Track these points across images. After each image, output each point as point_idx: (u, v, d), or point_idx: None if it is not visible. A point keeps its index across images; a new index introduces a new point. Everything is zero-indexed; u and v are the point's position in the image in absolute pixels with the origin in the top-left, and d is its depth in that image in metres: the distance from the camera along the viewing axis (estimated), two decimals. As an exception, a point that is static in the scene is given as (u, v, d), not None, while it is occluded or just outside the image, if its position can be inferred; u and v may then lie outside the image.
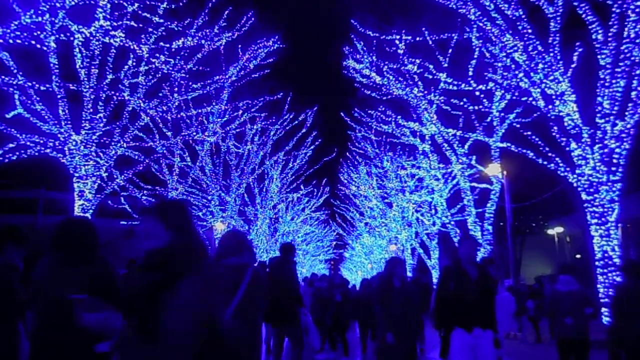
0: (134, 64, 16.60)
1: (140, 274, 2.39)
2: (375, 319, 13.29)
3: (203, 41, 17.62)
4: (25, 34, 12.80)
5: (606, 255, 12.16)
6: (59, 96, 14.55)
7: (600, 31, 12.29)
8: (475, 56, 16.43)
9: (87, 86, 15.16)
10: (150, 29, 16.25)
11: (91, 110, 15.27)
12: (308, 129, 29.94)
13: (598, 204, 12.31)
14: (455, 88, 16.46)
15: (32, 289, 3.37)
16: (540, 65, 12.86)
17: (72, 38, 14.48)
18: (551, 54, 12.81)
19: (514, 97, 15.35)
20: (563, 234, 40.33)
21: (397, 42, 17.72)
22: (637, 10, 11.44)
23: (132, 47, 15.26)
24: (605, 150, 12.28)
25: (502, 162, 18.67)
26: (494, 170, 18.61)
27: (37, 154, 14.59)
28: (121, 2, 14.93)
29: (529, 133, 14.54)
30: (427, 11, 16.80)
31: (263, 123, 27.60)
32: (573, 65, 12.85)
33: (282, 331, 6.86)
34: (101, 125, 15.54)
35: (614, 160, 12.23)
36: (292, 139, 30.10)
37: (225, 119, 23.87)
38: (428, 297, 8.50)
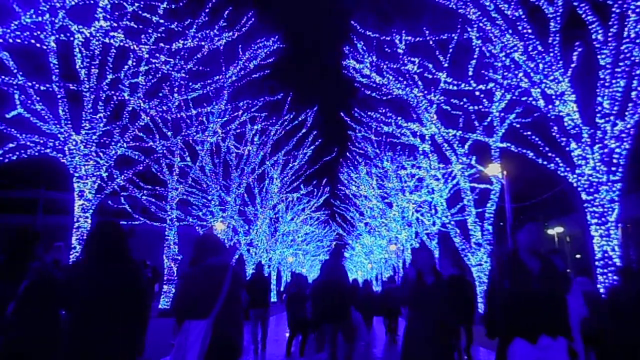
0: (134, 64, 16.61)
1: None
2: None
3: (203, 42, 17.64)
4: (25, 34, 12.81)
5: (606, 255, 12.15)
6: (59, 96, 14.55)
7: (600, 31, 12.28)
8: (475, 56, 16.43)
9: (87, 86, 15.17)
10: (150, 29, 16.27)
11: (91, 110, 15.28)
12: (308, 129, 30.02)
13: (598, 204, 12.30)
14: (455, 88, 16.45)
15: (68, 287, 3.55)
16: (540, 65, 12.85)
17: (72, 38, 14.49)
18: (551, 54, 12.80)
19: (514, 97, 15.33)
20: (563, 234, 40.37)
21: (397, 42, 17.73)
22: (637, 10, 11.43)
23: (132, 47, 15.27)
24: (605, 150, 12.27)
25: (502, 162, 18.66)
26: (494, 170, 18.61)
27: (37, 153, 14.60)
28: (121, 2, 14.94)
29: (529, 133, 14.52)
30: (427, 11, 16.81)
31: (263, 123, 27.63)
32: (573, 65, 12.84)
33: (337, 327, 7.29)
34: (101, 125, 15.55)
35: (614, 160, 12.21)
36: (292, 139, 30.16)
37: (225, 119, 23.89)
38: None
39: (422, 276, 5.12)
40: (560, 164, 13.21)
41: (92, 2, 13.92)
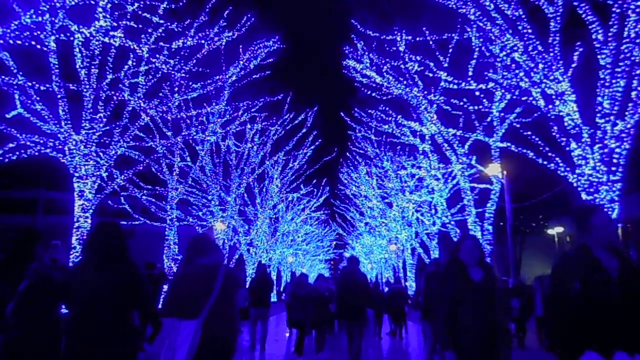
0: (134, 64, 16.60)
1: None
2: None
3: (203, 41, 17.64)
4: (25, 34, 12.80)
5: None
6: (59, 96, 14.54)
7: (600, 31, 12.28)
8: (475, 56, 16.43)
9: (87, 86, 15.16)
10: (150, 29, 16.25)
11: (91, 110, 15.27)
12: (308, 129, 30.03)
13: (598, 203, 12.31)
14: (455, 87, 16.45)
15: (67, 288, 3.60)
16: (541, 65, 12.85)
17: (72, 38, 14.48)
18: (551, 54, 12.79)
19: (514, 97, 15.33)
20: (563, 234, 40.35)
21: (397, 41, 17.73)
22: (637, 10, 11.43)
23: (132, 47, 15.26)
24: (605, 150, 12.27)
25: (502, 162, 18.66)
26: (494, 170, 18.61)
27: (37, 153, 14.59)
28: (121, 2, 14.93)
29: (529, 133, 14.53)
30: (427, 11, 16.82)
31: (263, 123, 27.63)
32: (573, 65, 12.84)
33: (352, 324, 8.18)
34: (101, 125, 15.54)
35: (614, 160, 12.21)
36: (292, 139, 30.17)
37: (225, 119, 23.89)
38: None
39: (467, 271, 4.07)
40: (560, 164, 13.21)
41: (92, 2, 13.91)
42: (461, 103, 17.20)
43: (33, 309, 3.81)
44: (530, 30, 12.89)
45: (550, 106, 12.97)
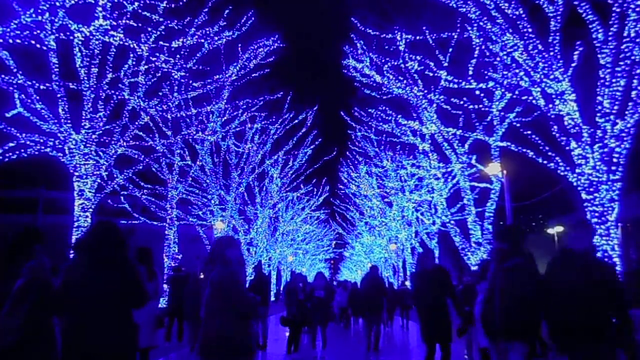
0: (134, 63, 16.60)
1: None
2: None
3: (203, 40, 17.63)
4: (25, 33, 12.79)
5: (606, 254, 12.15)
6: (58, 95, 14.55)
7: (600, 30, 12.27)
8: (476, 55, 16.41)
9: (87, 85, 15.16)
10: (150, 28, 16.24)
11: (91, 109, 15.27)
12: (308, 128, 30.01)
13: (598, 203, 12.30)
14: (455, 87, 16.43)
15: (64, 289, 3.54)
16: (541, 64, 12.84)
17: (72, 37, 14.47)
18: (551, 53, 12.78)
19: (514, 96, 15.31)
20: (563, 233, 40.30)
21: (397, 39, 17.71)
22: (637, 9, 11.42)
23: (132, 46, 15.25)
24: (605, 150, 12.26)
25: (502, 161, 18.65)
26: (494, 169, 18.60)
27: (37, 153, 14.60)
28: (121, 0, 14.92)
29: (529, 132, 14.51)
30: (427, 10, 16.80)
31: (263, 122, 27.63)
32: (573, 64, 12.82)
33: (373, 314, 10.40)
34: (101, 124, 15.54)
35: (614, 160, 12.19)
36: (292, 138, 30.14)
37: (225, 118, 23.89)
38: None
39: None
40: (560, 163, 13.21)
41: (92, 1, 13.90)
42: (461, 102, 17.18)
43: (28, 309, 3.76)
44: (530, 30, 12.88)
45: (550, 105, 12.97)
